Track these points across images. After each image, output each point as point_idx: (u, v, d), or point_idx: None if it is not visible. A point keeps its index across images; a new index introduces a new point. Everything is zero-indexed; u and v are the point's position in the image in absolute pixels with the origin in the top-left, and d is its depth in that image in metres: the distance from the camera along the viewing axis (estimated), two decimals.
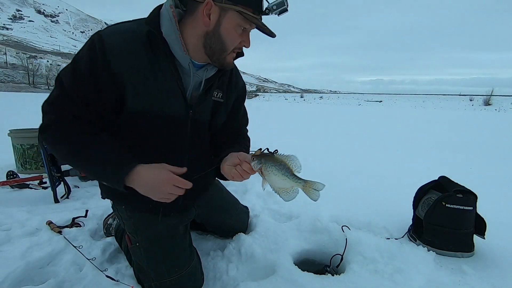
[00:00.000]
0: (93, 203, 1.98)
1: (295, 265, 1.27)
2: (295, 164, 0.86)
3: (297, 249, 1.41)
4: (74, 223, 1.62)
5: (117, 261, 1.38)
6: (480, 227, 1.48)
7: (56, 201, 2.02)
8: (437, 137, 6.45)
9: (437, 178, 1.66)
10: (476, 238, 1.48)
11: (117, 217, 1.25)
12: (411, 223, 1.66)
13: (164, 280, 1.10)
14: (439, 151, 4.55)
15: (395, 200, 2.09)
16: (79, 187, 2.32)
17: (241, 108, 1.25)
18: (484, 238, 1.46)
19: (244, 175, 0.93)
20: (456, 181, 1.57)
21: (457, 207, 1.44)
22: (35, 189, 2.26)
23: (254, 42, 1.01)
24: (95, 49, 0.88)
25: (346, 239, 1.38)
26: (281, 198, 0.89)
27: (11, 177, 2.30)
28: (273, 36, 0.96)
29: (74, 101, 0.90)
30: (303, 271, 1.22)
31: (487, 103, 29.15)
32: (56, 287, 1.14)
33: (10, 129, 2.68)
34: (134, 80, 0.91)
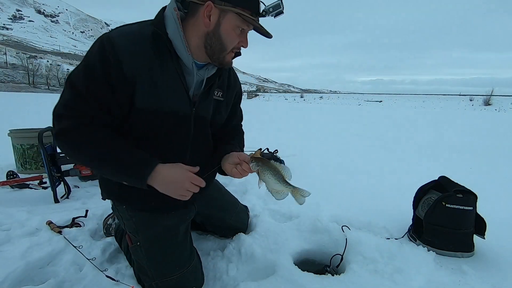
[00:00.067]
0: (93, 203, 1.98)
1: (295, 265, 1.27)
2: (287, 172, 0.99)
3: (297, 249, 1.41)
4: (74, 223, 1.62)
5: (117, 261, 1.38)
6: (480, 227, 1.48)
7: (56, 201, 2.02)
8: (437, 137, 6.45)
9: (437, 178, 1.66)
10: (476, 238, 1.48)
11: (117, 217, 1.26)
12: (411, 223, 1.66)
13: (164, 279, 1.10)
14: (439, 151, 4.55)
15: (395, 200, 2.09)
16: (79, 187, 2.32)
17: (238, 106, 1.33)
18: (484, 238, 1.46)
19: (243, 173, 1.04)
20: (456, 181, 1.58)
21: (457, 207, 1.44)
22: (35, 189, 2.26)
23: (255, 42, 1.04)
24: (106, 51, 0.90)
25: (346, 239, 1.38)
26: (273, 196, 1.01)
27: (11, 177, 2.31)
28: (269, 36, 1.00)
29: (89, 103, 0.92)
30: (303, 271, 1.22)
31: (487, 103, 29.16)
32: (56, 287, 1.14)
33: (10, 129, 2.68)
34: (144, 79, 0.94)
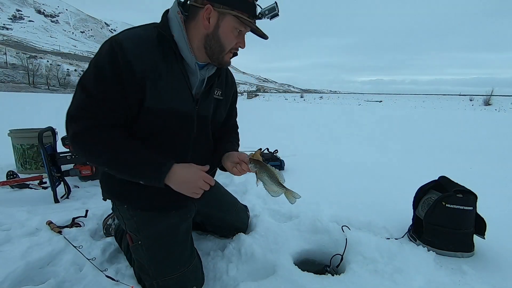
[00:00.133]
0: (93, 203, 1.98)
1: (295, 265, 1.27)
2: (281, 176, 1.12)
3: (297, 249, 1.41)
4: (74, 223, 1.62)
5: (117, 261, 1.38)
6: (480, 227, 1.48)
7: (56, 201, 2.02)
8: (437, 137, 6.45)
9: (437, 178, 1.66)
10: (476, 238, 1.48)
11: (117, 217, 1.27)
12: (411, 223, 1.66)
13: (165, 278, 1.11)
14: (439, 151, 4.55)
15: (395, 200, 2.09)
16: (79, 187, 2.32)
17: (235, 105, 1.39)
18: (484, 238, 1.46)
19: (242, 172, 1.14)
20: (456, 181, 1.57)
21: (457, 207, 1.44)
22: (35, 189, 2.27)
23: (255, 42, 1.07)
24: (116, 52, 0.92)
25: (346, 239, 1.38)
26: (268, 193, 1.13)
27: (11, 177, 2.31)
28: (265, 38, 1.05)
29: (102, 104, 0.94)
30: (303, 271, 1.22)
31: (487, 103, 29.14)
32: (56, 287, 1.14)
33: (10, 129, 2.69)
34: (152, 80, 0.97)
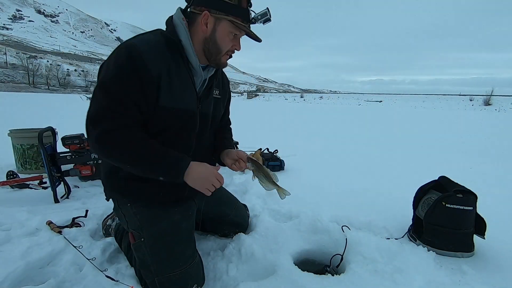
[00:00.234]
0: (93, 203, 1.98)
1: (295, 265, 1.27)
2: (275, 176, 1.27)
3: (297, 249, 1.41)
4: (74, 223, 1.62)
5: (117, 261, 1.38)
6: (480, 227, 1.48)
7: (56, 201, 2.02)
8: (437, 137, 6.45)
9: (437, 178, 1.66)
10: (476, 238, 1.48)
11: (119, 217, 1.28)
12: (411, 223, 1.66)
13: (167, 275, 1.13)
14: (439, 151, 4.56)
15: (395, 200, 2.09)
16: (79, 187, 2.32)
17: (229, 103, 1.48)
18: (484, 238, 1.46)
19: (240, 169, 1.26)
20: (456, 181, 1.57)
21: (457, 207, 1.44)
22: (35, 189, 2.26)
23: (255, 42, 1.16)
24: (133, 55, 0.99)
25: (346, 239, 1.38)
26: (262, 188, 1.26)
27: (11, 177, 2.31)
28: (259, 41, 1.13)
29: (125, 104, 1.00)
30: (303, 271, 1.22)
31: (487, 103, 29.12)
32: (56, 287, 1.14)
33: (10, 129, 2.69)
34: (164, 80, 1.04)
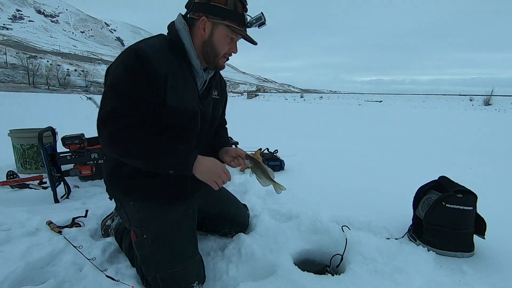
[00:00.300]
0: (93, 203, 1.98)
1: (295, 265, 1.27)
2: (271, 172, 1.32)
3: (297, 249, 1.41)
4: (74, 223, 1.62)
5: (117, 261, 1.38)
6: (480, 227, 1.48)
7: (56, 201, 2.02)
8: (437, 137, 6.45)
9: (437, 178, 1.66)
10: (476, 238, 1.48)
11: (121, 216, 1.30)
12: (411, 223, 1.66)
13: (169, 271, 1.14)
14: (439, 151, 4.56)
15: (395, 200, 2.09)
16: (79, 187, 2.32)
17: (226, 104, 1.52)
18: (484, 238, 1.46)
19: (238, 166, 1.32)
20: (456, 181, 1.57)
21: (457, 207, 1.43)
22: (35, 189, 2.27)
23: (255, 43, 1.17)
24: (142, 57, 1.04)
25: (346, 239, 1.38)
26: (259, 183, 1.32)
27: (11, 177, 2.31)
28: (255, 43, 1.18)
29: (137, 104, 1.04)
30: (303, 271, 1.22)
31: (487, 103, 29.11)
32: (56, 287, 1.14)
33: (10, 129, 2.69)
34: (170, 81, 1.10)
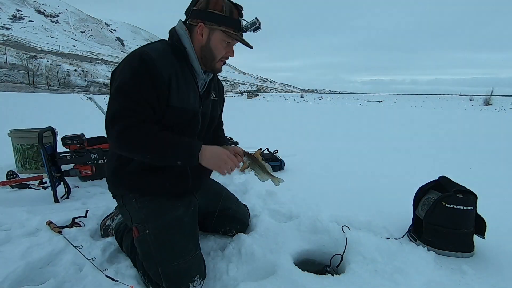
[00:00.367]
0: (93, 203, 1.98)
1: (295, 265, 1.27)
2: (269, 167, 1.36)
3: (297, 249, 1.41)
4: (74, 223, 1.62)
5: (117, 261, 1.38)
6: (480, 227, 1.48)
7: (56, 201, 2.02)
8: (437, 137, 6.45)
9: (437, 178, 1.66)
10: (476, 238, 1.48)
11: (123, 214, 1.33)
12: (411, 223, 1.66)
13: (171, 265, 1.16)
14: (439, 151, 4.56)
15: (395, 200, 2.09)
16: (79, 187, 2.32)
17: (223, 105, 1.58)
18: (484, 238, 1.46)
19: (237, 164, 1.30)
20: (456, 181, 1.58)
21: (457, 207, 1.44)
22: (35, 189, 2.27)
23: (255, 43, 1.23)
24: (147, 61, 1.09)
25: (346, 239, 1.38)
26: (257, 178, 1.34)
27: (11, 177, 2.31)
28: (250, 47, 1.24)
29: (142, 104, 1.10)
30: (303, 271, 1.22)
31: (487, 103, 29.11)
32: (56, 287, 1.14)
33: (10, 129, 2.69)
34: (173, 82, 1.15)
